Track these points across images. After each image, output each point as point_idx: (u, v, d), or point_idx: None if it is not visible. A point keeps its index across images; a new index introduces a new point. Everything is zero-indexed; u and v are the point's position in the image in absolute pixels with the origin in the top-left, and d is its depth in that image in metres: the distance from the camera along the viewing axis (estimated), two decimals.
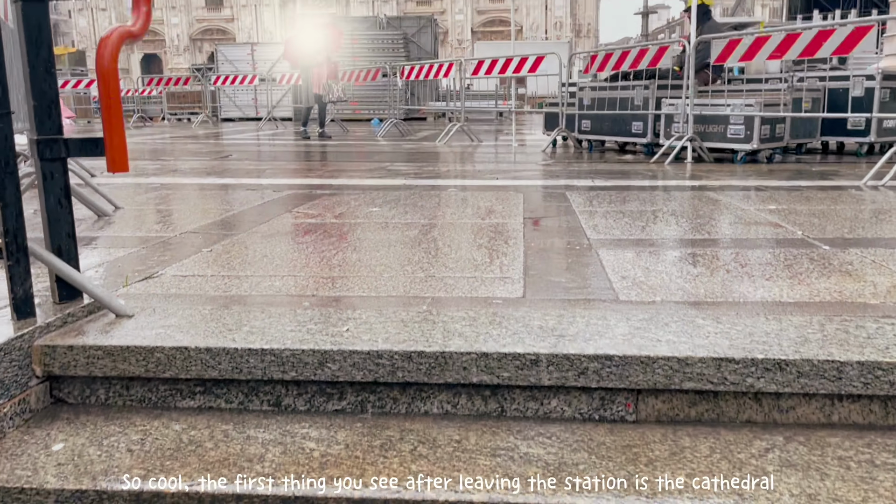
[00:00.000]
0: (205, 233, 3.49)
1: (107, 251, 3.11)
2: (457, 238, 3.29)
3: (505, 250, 2.98)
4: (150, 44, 69.27)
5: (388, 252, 2.97)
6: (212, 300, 2.25)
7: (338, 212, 4.16)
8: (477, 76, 10.14)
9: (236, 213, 4.17)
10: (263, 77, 17.47)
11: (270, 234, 3.43)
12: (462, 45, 65.96)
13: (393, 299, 2.25)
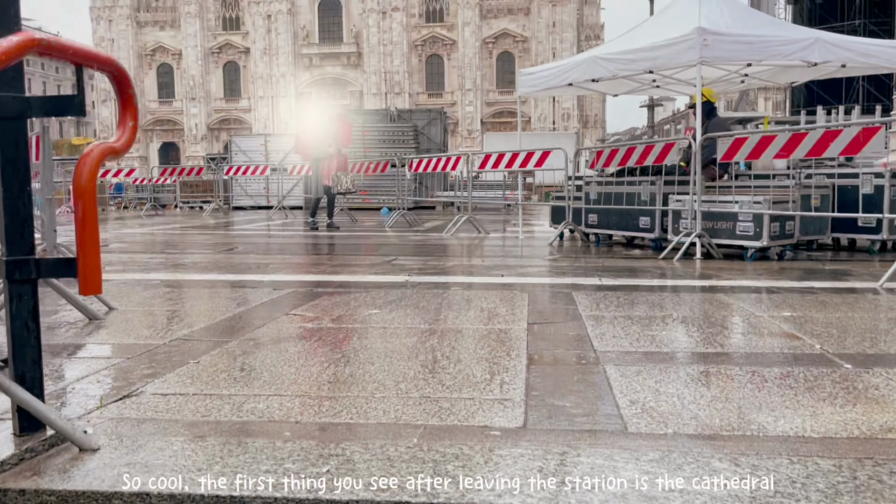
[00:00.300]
0: (196, 339, 3.37)
1: (89, 363, 2.97)
2: (457, 348, 3.14)
3: (507, 364, 2.82)
4: (168, 133, 71.55)
5: (382, 365, 2.82)
6: (188, 427, 2.09)
7: (336, 314, 4.04)
8: (484, 170, 10.23)
9: (232, 316, 4.05)
10: (275, 167, 17.80)
11: (263, 343, 3.29)
12: (472, 135, 67.66)
13: (383, 427, 2.08)
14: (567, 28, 66.20)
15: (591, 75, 7.69)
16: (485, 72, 68.03)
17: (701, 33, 6.49)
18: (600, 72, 7.53)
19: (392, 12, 66.54)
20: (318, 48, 68.55)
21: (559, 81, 8.35)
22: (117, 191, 23.94)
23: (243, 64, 69.94)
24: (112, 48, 69.35)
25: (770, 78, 8.90)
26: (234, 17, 69.90)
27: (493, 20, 67.46)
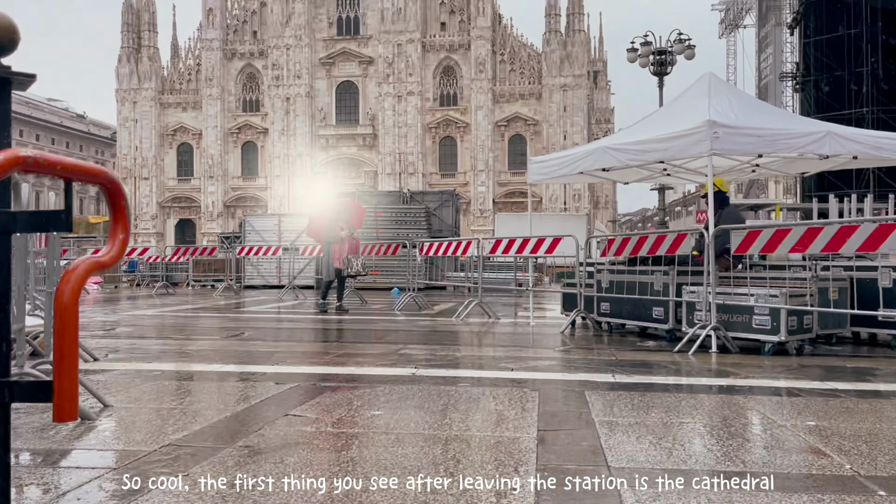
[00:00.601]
0: (188, 445, 3.21)
1: (69, 475, 2.82)
2: (462, 461, 2.96)
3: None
4: (185, 210, 72.73)
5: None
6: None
7: (338, 416, 3.87)
8: (495, 255, 10.17)
9: (231, 416, 3.90)
10: (287, 247, 17.89)
11: (258, 451, 3.13)
12: (484, 214, 68.27)
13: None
14: (578, 112, 67.67)
15: (602, 165, 7.71)
16: (497, 153, 69.25)
17: (711, 126, 6.51)
18: (611, 161, 7.56)
19: (407, 96, 68.48)
20: (334, 129, 70.30)
21: (570, 170, 8.38)
22: (131, 268, 24.11)
23: (261, 144, 71.69)
24: (135, 128, 71.48)
25: (781, 168, 8.91)
26: (254, 100, 72.16)
27: (506, 104, 69.17)
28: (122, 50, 71.60)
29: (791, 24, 31.88)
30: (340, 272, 11.32)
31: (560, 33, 67.48)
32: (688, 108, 7.64)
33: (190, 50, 72.90)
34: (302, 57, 69.27)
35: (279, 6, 69.31)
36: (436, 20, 69.82)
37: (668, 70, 30.62)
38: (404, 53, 68.16)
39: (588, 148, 8.22)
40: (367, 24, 69.98)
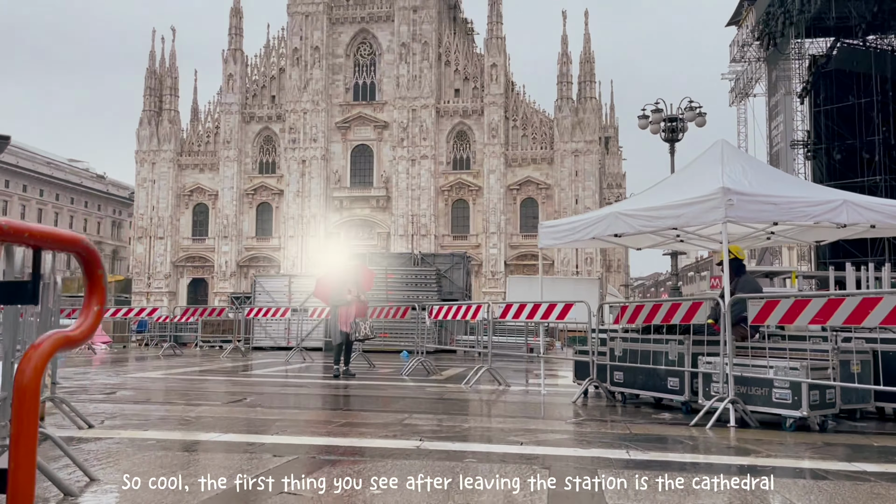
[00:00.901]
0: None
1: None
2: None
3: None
4: (199, 269, 73.14)
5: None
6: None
7: (335, 494, 3.65)
8: (504, 320, 9.97)
9: (220, 495, 3.68)
10: (296, 308, 17.75)
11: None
12: (495, 276, 68.12)
13: None
14: (589, 177, 68.19)
15: (614, 230, 7.60)
16: (509, 216, 69.57)
17: (725, 193, 6.41)
18: (623, 227, 7.44)
19: (421, 159, 69.43)
20: (348, 191, 71.13)
21: (581, 235, 8.26)
22: (140, 327, 24.04)
23: (276, 205, 72.53)
24: (153, 188, 72.64)
25: (796, 236, 8.76)
26: (271, 162, 73.40)
27: (518, 168, 69.89)
28: (143, 113, 73.47)
29: (801, 93, 32.25)
30: (347, 336, 11.12)
31: (572, 100, 68.66)
32: (701, 174, 7.57)
33: (209, 113, 74.71)
34: (318, 121, 70.74)
35: (297, 72, 71.24)
36: (450, 87, 71.38)
37: (679, 137, 30.90)
38: (419, 118, 69.46)
39: (600, 213, 8.13)
40: (383, 90, 71.61)
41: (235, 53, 72.86)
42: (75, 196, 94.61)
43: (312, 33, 71.53)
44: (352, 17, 72.67)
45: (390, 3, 71.47)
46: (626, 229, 7.47)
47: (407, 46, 69.90)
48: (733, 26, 35.91)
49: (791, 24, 29.41)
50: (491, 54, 69.27)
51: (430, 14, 70.28)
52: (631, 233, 7.63)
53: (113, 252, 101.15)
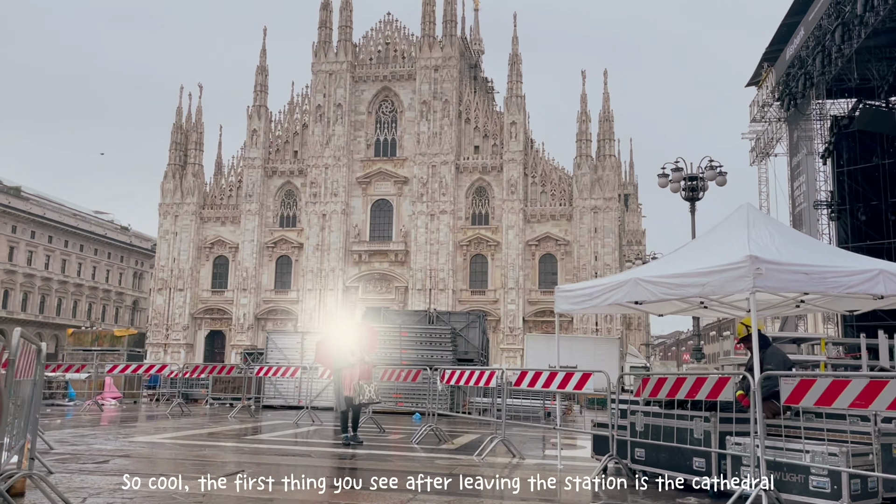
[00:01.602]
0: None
1: None
2: None
3: None
4: (216, 321, 73.11)
5: None
6: None
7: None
8: (519, 387, 9.52)
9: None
10: (306, 367, 17.35)
11: None
12: (513, 332, 67.31)
13: None
14: (609, 234, 67.83)
15: (635, 298, 7.22)
16: (527, 272, 69.12)
17: (753, 261, 6.04)
18: (644, 295, 7.06)
19: (440, 214, 69.62)
20: (367, 245, 71.29)
21: (600, 301, 7.88)
22: (152, 382, 23.71)
23: (295, 258, 72.77)
24: (175, 241, 73.37)
25: (828, 305, 8.31)
26: (292, 216, 74.00)
27: (537, 224, 69.77)
28: (168, 167, 74.83)
29: (824, 153, 31.96)
30: (351, 401, 10.60)
31: (591, 157, 68.92)
32: (726, 239, 7.21)
33: (233, 167, 75.93)
34: (339, 176, 71.53)
35: (320, 128, 72.44)
36: (469, 143, 72.08)
37: (699, 196, 30.54)
38: (438, 174, 69.98)
39: (619, 278, 7.75)
40: (404, 147, 72.48)
41: (260, 110, 74.40)
42: (99, 247, 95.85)
43: (336, 91, 72.99)
44: (374, 75, 74.17)
45: (412, 63, 72.95)
46: (646, 297, 7.09)
47: (428, 104, 70.99)
48: (753, 87, 35.95)
49: (812, 86, 29.30)
50: (510, 112, 70.07)
51: (450, 73, 71.55)
52: (652, 300, 7.24)
53: (133, 303, 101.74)
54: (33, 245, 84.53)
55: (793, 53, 29.61)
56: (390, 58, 74.07)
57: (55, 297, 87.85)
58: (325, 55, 73.44)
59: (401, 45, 74.27)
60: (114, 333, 22.69)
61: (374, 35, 75.23)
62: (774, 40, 31.40)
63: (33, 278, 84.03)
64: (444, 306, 68.37)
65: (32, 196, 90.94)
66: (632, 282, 7.24)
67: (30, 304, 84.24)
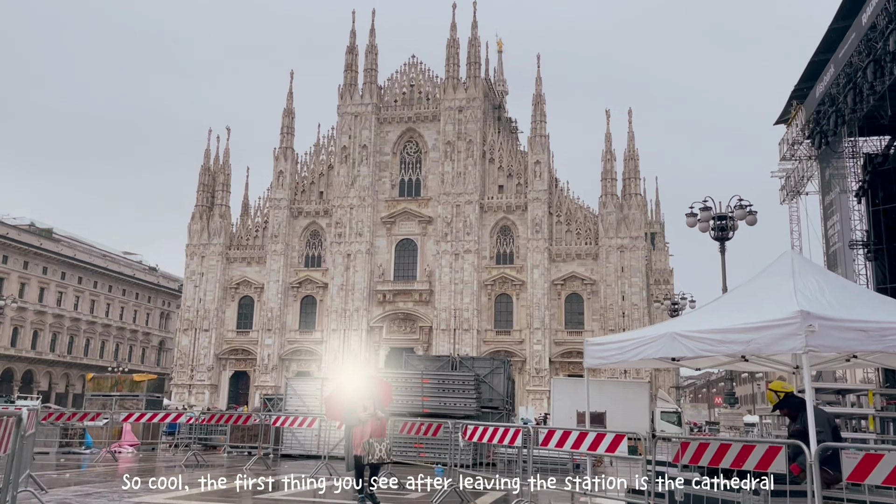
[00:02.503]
0: None
1: None
2: None
3: None
4: (241, 362, 72.96)
5: None
6: None
7: None
8: (546, 447, 8.90)
9: None
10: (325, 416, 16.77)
11: None
12: (540, 374, 66.10)
13: None
14: (636, 273, 66.80)
15: (671, 354, 6.65)
16: (553, 312, 68.14)
17: (805, 318, 5.46)
18: (681, 350, 6.49)
19: (464, 254, 69.25)
20: (391, 285, 71.01)
21: (632, 356, 7.32)
22: (171, 429, 23.28)
23: (320, 298, 72.69)
24: (201, 281, 73.81)
25: (882, 360, 7.63)
26: (317, 256, 74.20)
27: (562, 263, 69.01)
28: (196, 208, 75.73)
29: (858, 192, 31.05)
30: (361, 460, 9.88)
31: (616, 196, 68.35)
32: (770, 289, 6.62)
33: (259, 208, 76.61)
34: (364, 216, 71.73)
35: (346, 169, 72.98)
36: (493, 183, 72.00)
37: (729, 235, 29.70)
38: (462, 214, 69.84)
39: (653, 332, 7.19)
40: (428, 186, 72.63)
41: (286, 151, 75.30)
42: (127, 288, 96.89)
43: (361, 132, 73.69)
44: (399, 117, 74.86)
45: (436, 104, 73.53)
46: (684, 353, 6.52)
47: (452, 144, 71.28)
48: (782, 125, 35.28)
49: (843, 123, 28.58)
50: (534, 152, 70.01)
51: (474, 114, 71.93)
52: (690, 356, 6.65)
53: (160, 343, 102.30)
54: (63, 286, 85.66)
55: (823, 91, 29.00)
56: (415, 99, 74.78)
57: (83, 337, 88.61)
58: (350, 97, 74.36)
59: (425, 87, 75.00)
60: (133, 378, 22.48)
61: (398, 77, 76.13)
62: (803, 78, 30.85)
63: (62, 319, 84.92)
64: (469, 347, 67.53)
65: (64, 237, 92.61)
66: (668, 336, 6.67)
67: (58, 344, 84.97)
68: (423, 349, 68.90)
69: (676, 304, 46.64)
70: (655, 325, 7.50)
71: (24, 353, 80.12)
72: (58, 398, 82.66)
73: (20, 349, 79.71)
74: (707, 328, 6.48)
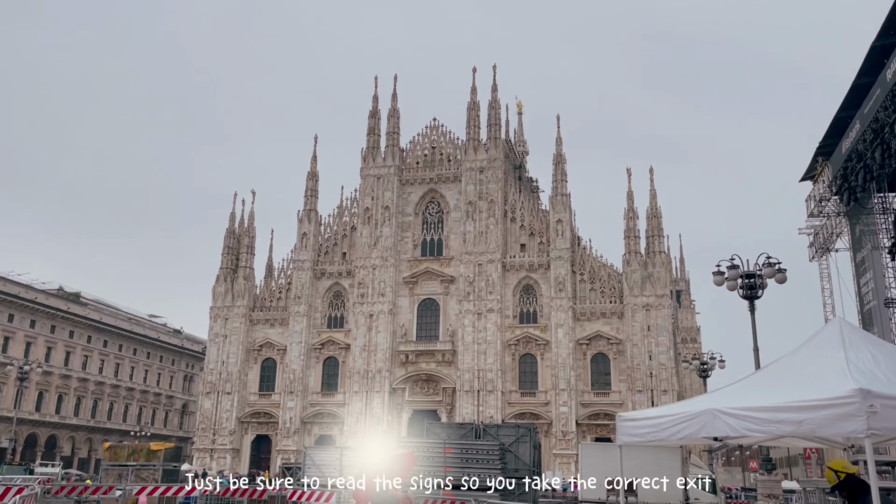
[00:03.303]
0: None
1: None
2: None
3: None
4: (263, 425, 72.10)
5: None
6: None
7: None
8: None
9: None
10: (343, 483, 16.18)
11: None
12: (566, 437, 64.31)
13: None
14: (662, 332, 65.51)
15: (712, 433, 6.13)
16: (579, 372, 66.77)
17: (865, 397, 4.98)
18: (723, 430, 5.98)
19: (487, 313, 68.59)
20: (414, 345, 70.32)
21: (669, 435, 6.79)
22: (187, 501, 22.61)
23: (342, 359, 72.13)
24: (224, 343, 73.74)
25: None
26: (339, 316, 73.98)
27: (587, 322, 67.99)
28: (220, 270, 76.33)
29: (891, 248, 30.29)
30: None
31: (640, 254, 67.72)
32: (820, 361, 6.13)
33: (282, 270, 77.01)
34: (387, 276, 71.71)
35: (368, 230, 73.44)
36: (515, 241, 71.87)
37: (758, 294, 28.91)
38: (485, 273, 69.53)
39: (692, 408, 6.68)
40: (450, 246, 72.68)
41: (310, 213, 76.11)
42: (152, 350, 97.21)
43: (383, 194, 74.41)
44: (421, 178, 75.66)
45: (458, 165, 74.27)
46: (727, 432, 6.00)
47: (473, 204, 71.59)
48: (808, 181, 34.87)
49: (872, 179, 28.15)
50: (556, 210, 69.98)
51: (495, 174, 72.44)
52: (734, 436, 6.13)
53: (183, 406, 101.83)
54: (89, 349, 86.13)
55: (849, 147, 28.67)
56: (436, 161, 75.62)
57: (107, 400, 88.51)
58: (373, 160, 75.42)
59: (446, 149, 75.90)
60: (150, 447, 22.02)
61: (420, 140, 77.24)
62: (829, 134, 30.58)
63: (87, 382, 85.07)
64: (493, 409, 66.13)
65: (91, 301, 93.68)
66: (708, 414, 6.17)
67: (82, 408, 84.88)
68: (446, 412, 67.61)
69: (706, 364, 45.40)
70: (692, 399, 6.98)
71: (49, 417, 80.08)
72: (80, 464, 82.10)
73: (44, 414, 79.70)
74: (752, 405, 5.98)
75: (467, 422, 33.91)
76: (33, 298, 79.43)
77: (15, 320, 76.75)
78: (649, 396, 64.16)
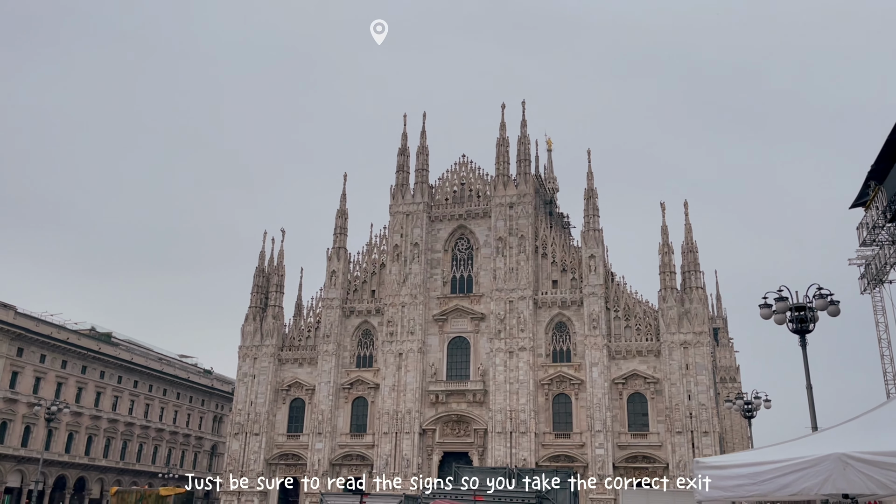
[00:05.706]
0: None
1: None
2: None
3: None
4: (291, 468, 70.56)
5: None
6: None
7: None
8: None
9: None
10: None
11: None
12: (603, 480, 61.58)
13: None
14: (701, 370, 62.97)
15: (842, 489, 4.81)
16: (615, 412, 64.35)
17: None
18: (861, 484, 4.67)
19: (519, 352, 66.82)
20: (444, 385, 68.63)
21: (773, 487, 5.45)
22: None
23: (371, 399, 70.68)
24: (253, 383, 72.82)
25: None
26: (368, 355, 72.76)
27: (622, 361, 65.79)
28: (249, 309, 75.85)
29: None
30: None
31: (676, 290, 65.68)
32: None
33: (311, 308, 76.22)
34: (416, 314, 70.50)
35: (397, 267, 72.56)
36: (547, 278, 70.32)
37: (810, 328, 27.18)
38: (516, 310, 67.99)
39: (808, 453, 5.37)
40: (480, 283, 71.37)
41: (339, 251, 75.61)
42: (181, 391, 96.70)
43: (412, 231, 73.70)
44: (450, 214, 74.87)
45: (487, 201, 73.43)
46: (863, 488, 4.67)
47: (503, 240, 70.46)
48: (859, 208, 33.20)
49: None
50: (588, 246, 68.47)
51: (525, 210, 71.36)
52: (883, 495, 4.80)
53: (212, 447, 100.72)
54: (119, 390, 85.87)
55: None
56: (465, 197, 74.90)
57: (136, 442, 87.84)
58: (402, 197, 74.96)
59: (475, 185, 75.20)
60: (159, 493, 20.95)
61: (449, 176, 76.69)
62: (881, 156, 29.02)
63: (117, 423, 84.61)
64: (527, 451, 63.83)
65: (122, 341, 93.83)
66: (834, 461, 4.89)
67: (112, 450, 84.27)
68: (478, 454, 65.50)
69: (750, 404, 43.19)
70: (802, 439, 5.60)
71: (78, 459, 79.56)
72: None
73: (74, 455, 79.20)
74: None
75: (500, 465, 32.20)
76: (65, 339, 79.63)
77: (47, 360, 76.88)
78: (689, 438, 61.39)
